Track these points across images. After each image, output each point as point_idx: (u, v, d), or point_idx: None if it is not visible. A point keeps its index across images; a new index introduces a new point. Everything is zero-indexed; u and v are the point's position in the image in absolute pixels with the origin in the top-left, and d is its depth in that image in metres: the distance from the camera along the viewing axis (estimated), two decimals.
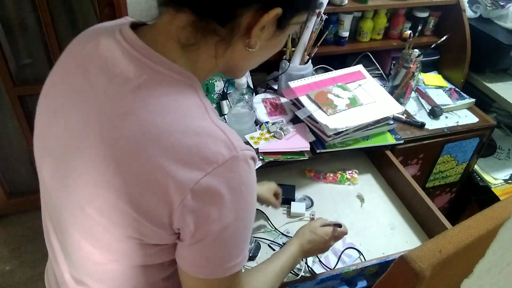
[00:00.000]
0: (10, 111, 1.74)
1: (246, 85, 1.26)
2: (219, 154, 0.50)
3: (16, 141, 1.86)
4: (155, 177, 0.49)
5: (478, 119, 1.53)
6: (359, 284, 0.98)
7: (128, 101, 0.51)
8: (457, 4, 1.58)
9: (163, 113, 0.51)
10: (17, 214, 2.04)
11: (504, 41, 1.54)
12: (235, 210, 0.53)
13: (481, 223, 0.59)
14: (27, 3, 1.56)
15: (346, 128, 1.21)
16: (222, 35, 0.54)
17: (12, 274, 1.82)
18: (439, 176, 1.61)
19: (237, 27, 0.54)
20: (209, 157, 0.50)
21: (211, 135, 0.51)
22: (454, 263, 0.59)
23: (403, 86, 1.49)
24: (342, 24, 1.53)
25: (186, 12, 0.53)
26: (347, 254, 1.06)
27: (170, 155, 0.49)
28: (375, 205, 1.22)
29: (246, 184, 0.53)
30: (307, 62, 1.42)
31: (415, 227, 1.16)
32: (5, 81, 1.63)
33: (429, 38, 1.67)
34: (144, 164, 0.49)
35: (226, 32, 0.54)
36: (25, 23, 1.61)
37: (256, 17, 0.53)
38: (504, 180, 1.64)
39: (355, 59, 1.64)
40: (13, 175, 1.98)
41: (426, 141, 1.44)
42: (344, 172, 1.31)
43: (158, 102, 0.51)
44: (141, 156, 0.49)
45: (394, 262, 0.57)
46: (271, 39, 0.58)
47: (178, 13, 0.54)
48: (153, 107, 0.51)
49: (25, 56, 1.68)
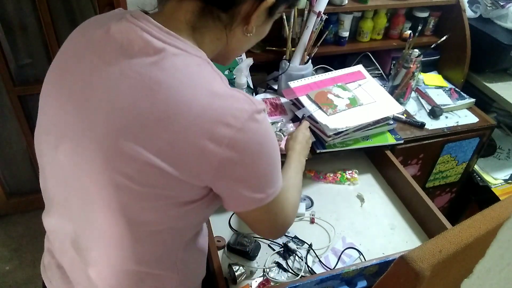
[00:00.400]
0: (10, 111, 1.74)
1: (246, 85, 1.26)
2: (243, 110, 0.57)
3: (16, 141, 1.86)
4: (195, 138, 0.55)
5: (478, 119, 1.53)
6: (359, 284, 0.98)
7: (154, 74, 0.56)
8: (457, 4, 1.58)
9: (188, 82, 0.56)
10: (17, 214, 2.04)
11: (504, 41, 1.54)
12: (265, 152, 0.60)
13: (481, 223, 0.59)
14: (27, 3, 1.56)
15: (346, 128, 1.21)
16: (224, 20, 0.62)
17: (12, 274, 1.82)
18: (439, 176, 1.61)
19: (238, 14, 0.62)
20: (235, 114, 0.56)
21: (232, 95, 0.58)
22: (454, 263, 0.59)
23: (403, 86, 1.49)
24: (342, 24, 1.53)
25: (192, 1, 0.59)
26: (347, 254, 1.06)
27: (203, 118, 0.55)
28: (375, 205, 1.22)
29: (268, 129, 0.61)
30: (307, 62, 1.42)
31: (415, 227, 1.16)
32: (5, 81, 1.63)
33: (429, 38, 1.67)
34: (181, 128, 0.55)
35: (227, 17, 0.62)
36: (25, 23, 1.61)
37: (255, 4, 0.61)
38: (504, 180, 1.65)
39: (355, 59, 1.64)
40: (13, 175, 1.98)
41: (426, 141, 1.44)
42: (344, 172, 1.31)
43: (182, 72, 0.57)
44: (177, 121, 0.54)
45: (394, 262, 0.57)
46: (261, 26, 0.67)
47: (183, 2, 0.60)
48: (179, 77, 0.56)
49: (25, 56, 1.68)
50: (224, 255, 1.04)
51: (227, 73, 1.38)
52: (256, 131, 0.58)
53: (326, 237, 1.11)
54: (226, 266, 0.99)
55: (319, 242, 1.09)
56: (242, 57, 1.41)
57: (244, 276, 0.97)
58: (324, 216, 1.17)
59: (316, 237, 1.11)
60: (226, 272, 0.98)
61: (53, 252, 0.77)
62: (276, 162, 0.64)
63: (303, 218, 1.16)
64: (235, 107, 0.57)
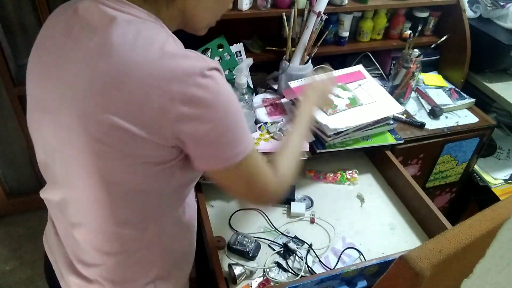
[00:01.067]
0: (10, 111, 1.74)
1: (246, 85, 1.26)
2: (194, 66, 0.59)
3: (16, 141, 1.86)
4: (150, 96, 0.57)
5: (478, 119, 1.53)
6: (359, 284, 0.98)
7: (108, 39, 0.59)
8: (457, 4, 1.58)
9: (140, 44, 0.59)
10: (17, 214, 2.04)
11: (504, 41, 1.54)
12: (221, 107, 0.61)
13: (481, 223, 0.59)
14: (27, 3, 1.56)
15: (346, 128, 1.21)
16: None
17: (12, 274, 1.82)
18: (439, 176, 1.61)
19: None
20: (187, 71, 0.58)
21: (183, 54, 0.60)
22: (454, 263, 0.59)
23: (403, 86, 1.49)
24: (342, 24, 1.53)
25: None
26: (347, 254, 1.06)
27: (154, 76, 0.57)
28: (375, 205, 1.22)
29: (224, 84, 0.62)
30: (307, 62, 1.42)
31: (415, 227, 1.16)
32: (5, 81, 1.63)
33: (429, 38, 1.67)
34: (135, 87, 0.57)
35: None
36: (25, 23, 1.61)
37: None
38: (504, 180, 1.65)
39: (355, 59, 1.64)
40: (13, 175, 1.98)
41: (426, 141, 1.44)
42: (344, 172, 1.31)
43: (134, 36, 0.59)
44: (130, 81, 0.57)
45: (394, 262, 0.57)
46: None
47: None
48: (130, 40, 0.59)
49: (25, 56, 1.67)
50: (224, 255, 1.04)
51: (227, 73, 1.39)
52: (210, 87, 0.59)
53: (326, 237, 1.11)
54: (226, 266, 0.99)
55: (319, 242, 1.09)
56: (242, 57, 1.41)
57: (244, 276, 0.97)
58: (324, 216, 1.17)
59: (316, 237, 1.11)
60: (226, 272, 0.98)
61: (52, 220, 0.82)
62: (237, 119, 0.64)
63: (303, 218, 1.16)
64: (186, 64, 0.59)
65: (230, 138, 0.64)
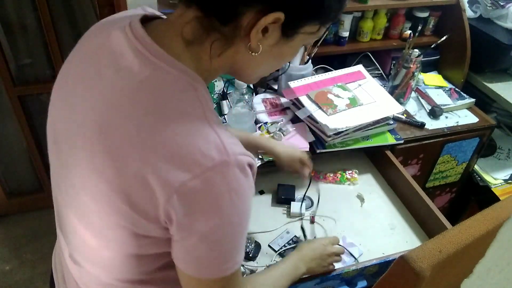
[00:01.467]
0: (10, 111, 1.74)
1: (246, 85, 1.26)
2: (209, 157, 0.50)
3: (16, 141, 1.86)
4: (145, 174, 0.50)
5: (478, 119, 1.53)
6: (359, 284, 0.98)
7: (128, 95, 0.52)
8: (457, 4, 1.58)
9: (160, 112, 0.51)
10: (17, 214, 2.04)
11: (504, 41, 1.54)
12: (221, 215, 0.52)
13: (481, 223, 0.59)
14: (27, 3, 1.56)
15: (346, 128, 1.21)
16: (223, 34, 0.54)
17: (12, 274, 1.82)
18: (439, 176, 1.61)
19: (239, 27, 0.53)
20: (198, 159, 0.49)
21: (204, 137, 0.51)
22: (454, 263, 0.59)
23: (403, 86, 1.49)
24: (342, 24, 1.53)
25: (194, 8, 0.53)
26: (347, 253, 1.06)
27: (159, 152, 0.49)
28: (375, 205, 1.22)
29: (237, 190, 0.52)
30: (307, 62, 1.42)
31: (415, 227, 1.16)
32: (5, 81, 1.63)
33: (429, 38, 1.67)
34: (135, 159, 0.50)
35: (228, 31, 0.54)
36: (25, 23, 1.60)
37: (257, 18, 0.52)
38: (504, 180, 1.64)
39: (355, 59, 1.64)
40: (13, 175, 1.98)
41: (426, 141, 1.44)
42: (344, 172, 1.31)
43: (157, 99, 0.52)
44: (133, 152, 0.50)
45: (394, 262, 0.57)
46: (275, 46, 0.57)
47: (187, 9, 0.54)
48: (152, 105, 0.52)
49: (25, 56, 1.68)
50: None
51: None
52: (218, 184, 0.50)
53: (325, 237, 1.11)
54: None
55: None
56: None
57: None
58: (324, 216, 1.17)
59: (316, 237, 1.11)
60: None
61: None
62: (238, 233, 0.55)
63: (303, 217, 1.16)
64: (199, 150, 0.50)
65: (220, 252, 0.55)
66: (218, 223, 0.52)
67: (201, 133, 0.51)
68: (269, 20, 0.52)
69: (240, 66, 0.60)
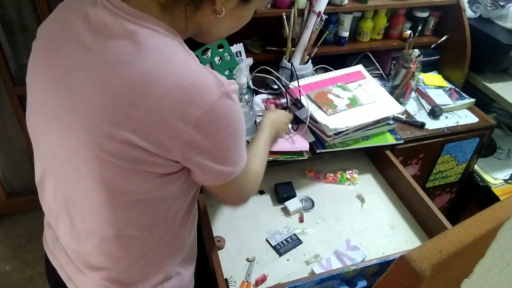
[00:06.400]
0: (10, 111, 1.74)
1: (246, 85, 1.26)
2: (212, 92, 0.60)
3: (16, 141, 1.86)
4: (166, 118, 0.58)
5: (478, 119, 1.53)
6: (359, 284, 0.98)
7: (127, 55, 0.58)
8: (457, 4, 1.58)
9: (160, 61, 0.59)
10: (17, 214, 2.04)
11: (504, 41, 1.54)
12: (230, 131, 0.64)
13: (481, 223, 0.59)
14: (27, 3, 1.56)
15: (346, 128, 1.21)
16: None
17: (12, 274, 1.82)
18: (439, 176, 1.61)
19: None
20: (203, 96, 0.59)
21: (201, 76, 0.60)
22: (454, 263, 0.59)
23: (403, 86, 1.49)
24: (342, 24, 1.53)
25: None
26: (349, 257, 1.06)
27: (171, 98, 0.58)
28: (375, 205, 1.22)
29: (237, 112, 0.64)
30: (307, 62, 1.42)
31: (415, 227, 1.16)
32: (5, 81, 1.63)
33: (429, 38, 1.67)
34: (152, 107, 0.57)
35: None
36: (25, 23, 1.61)
37: None
38: (504, 180, 1.64)
39: (355, 59, 1.64)
40: (13, 175, 1.98)
41: (426, 141, 1.44)
42: (344, 172, 1.31)
43: (153, 52, 0.59)
44: (147, 100, 0.57)
45: (394, 262, 0.57)
46: (236, 10, 0.68)
47: None
48: (150, 56, 0.58)
49: (25, 56, 1.68)
50: (224, 255, 1.04)
51: (227, 73, 1.39)
52: (223, 112, 0.61)
53: (326, 237, 1.11)
54: (226, 266, 0.99)
55: (319, 242, 1.09)
56: (242, 57, 1.41)
57: None
58: (324, 216, 1.17)
59: (316, 237, 1.11)
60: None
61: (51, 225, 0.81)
62: (242, 140, 0.68)
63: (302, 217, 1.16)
64: (203, 88, 0.59)
65: (233, 158, 0.68)
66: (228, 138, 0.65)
67: (198, 74, 0.60)
68: None
69: (205, 28, 0.69)
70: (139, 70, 0.58)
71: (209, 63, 1.35)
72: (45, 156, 0.72)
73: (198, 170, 0.66)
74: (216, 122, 0.61)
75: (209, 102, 0.59)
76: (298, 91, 1.31)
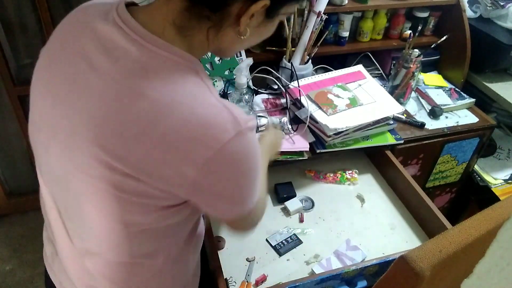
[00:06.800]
0: (10, 111, 1.74)
1: (246, 85, 1.26)
2: (225, 131, 0.54)
3: (16, 141, 1.86)
4: (169, 156, 0.54)
5: (478, 119, 1.53)
6: (359, 284, 0.98)
7: (136, 83, 0.54)
8: (457, 4, 1.58)
9: (171, 93, 0.54)
10: (17, 214, 2.04)
11: (504, 41, 1.54)
12: (242, 170, 0.59)
13: (481, 223, 0.59)
14: (27, 3, 1.56)
15: (346, 128, 1.21)
16: (214, 21, 0.58)
17: (12, 274, 1.82)
18: (439, 176, 1.61)
19: (228, 15, 0.58)
20: (216, 134, 0.54)
21: (216, 112, 0.55)
22: (454, 263, 0.59)
23: (403, 86, 1.49)
24: (342, 24, 1.53)
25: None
26: (349, 257, 1.06)
27: (179, 135, 0.53)
28: (375, 205, 1.22)
29: (252, 152, 0.60)
30: (307, 62, 1.42)
31: (415, 227, 1.16)
32: (5, 81, 1.63)
33: (429, 38, 1.67)
34: (157, 144, 0.53)
35: (217, 18, 0.58)
36: (25, 23, 1.60)
37: (245, 6, 0.56)
38: (504, 180, 1.64)
39: (355, 59, 1.64)
40: (13, 175, 1.98)
41: (426, 141, 1.44)
42: (344, 172, 1.31)
43: (165, 82, 0.55)
44: (153, 133, 0.53)
45: (394, 262, 0.57)
46: (259, 27, 0.62)
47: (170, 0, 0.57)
48: (161, 87, 0.54)
49: (25, 56, 1.68)
50: (224, 255, 1.04)
51: (227, 73, 1.38)
52: (237, 153, 0.56)
53: (326, 237, 1.11)
54: (226, 266, 0.99)
55: (319, 242, 1.09)
56: (242, 57, 1.41)
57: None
58: (324, 216, 1.17)
59: (316, 237, 1.11)
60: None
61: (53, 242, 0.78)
62: (255, 178, 0.63)
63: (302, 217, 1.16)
64: (216, 126, 0.54)
65: (245, 196, 0.63)
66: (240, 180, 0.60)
67: (212, 109, 0.55)
68: (258, 8, 0.56)
69: (226, 46, 0.64)
70: (147, 101, 0.53)
71: (209, 63, 1.36)
72: (45, 173, 0.69)
73: (205, 207, 0.63)
74: (227, 163, 0.56)
75: (221, 142, 0.54)
76: (298, 91, 1.31)
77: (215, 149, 0.54)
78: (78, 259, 0.71)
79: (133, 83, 0.54)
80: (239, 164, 0.58)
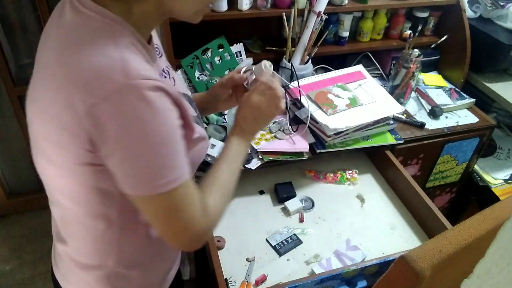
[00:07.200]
0: (10, 111, 1.74)
1: None
2: (113, 79, 0.52)
3: (16, 141, 1.86)
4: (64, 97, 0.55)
5: (478, 119, 1.53)
6: (359, 284, 0.98)
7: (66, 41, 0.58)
8: (457, 4, 1.58)
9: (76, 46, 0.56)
10: (17, 214, 2.04)
11: (504, 41, 1.54)
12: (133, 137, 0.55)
13: (481, 223, 0.59)
14: (27, 3, 1.56)
15: (346, 128, 1.21)
16: None
17: (12, 274, 1.82)
18: (439, 176, 1.61)
19: None
20: (101, 82, 0.52)
21: (109, 63, 0.54)
22: (454, 263, 0.59)
23: (403, 86, 1.49)
24: (342, 24, 1.53)
25: None
26: (349, 257, 1.06)
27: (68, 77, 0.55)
28: (375, 205, 1.22)
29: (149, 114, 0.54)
30: (307, 62, 1.42)
31: (415, 227, 1.16)
32: (5, 81, 1.63)
33: (429, 38, 1.67)
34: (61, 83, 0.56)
35: None
36: (25, 23, 1.61)
37: None
38: (504, 180, 1.64)
39: (355, 59, 1.64)
40: (13, 175, 1.98)
41: (426, 141, 1.44)
42: (344, 172, 1.31)
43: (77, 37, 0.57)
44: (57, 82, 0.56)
45: (394, 262, 0.57)
46: None
47: None
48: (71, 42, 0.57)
49: (25, 56, 1.68)
50: (224, 255, 1.04)
51: (227, 73, 1.38)
52: (122, 108, 0.53)
53: (326, 237, 1.11)
54: (226, 266, 0.99)
55: (319, 242, 1.09)
56: (242, 57, 1.41)
57: None
58: (324, 216, 1.17)
59: (316, 237, 1.11)
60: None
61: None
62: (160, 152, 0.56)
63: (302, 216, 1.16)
64: (104, 76, 0.53)
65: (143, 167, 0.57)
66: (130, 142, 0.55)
67: (108, 61, 0.54)
68: None
69: (168, 6, 0.62)
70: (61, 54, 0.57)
71: (209, 63, 1.36)
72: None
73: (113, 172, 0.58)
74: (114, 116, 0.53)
75: (106, 91, 0.52)
76: (298, 91, 1.31)
77: (98, 97, 0.52)
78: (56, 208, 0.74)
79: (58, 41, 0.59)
80: (128, 122, 0.53)
